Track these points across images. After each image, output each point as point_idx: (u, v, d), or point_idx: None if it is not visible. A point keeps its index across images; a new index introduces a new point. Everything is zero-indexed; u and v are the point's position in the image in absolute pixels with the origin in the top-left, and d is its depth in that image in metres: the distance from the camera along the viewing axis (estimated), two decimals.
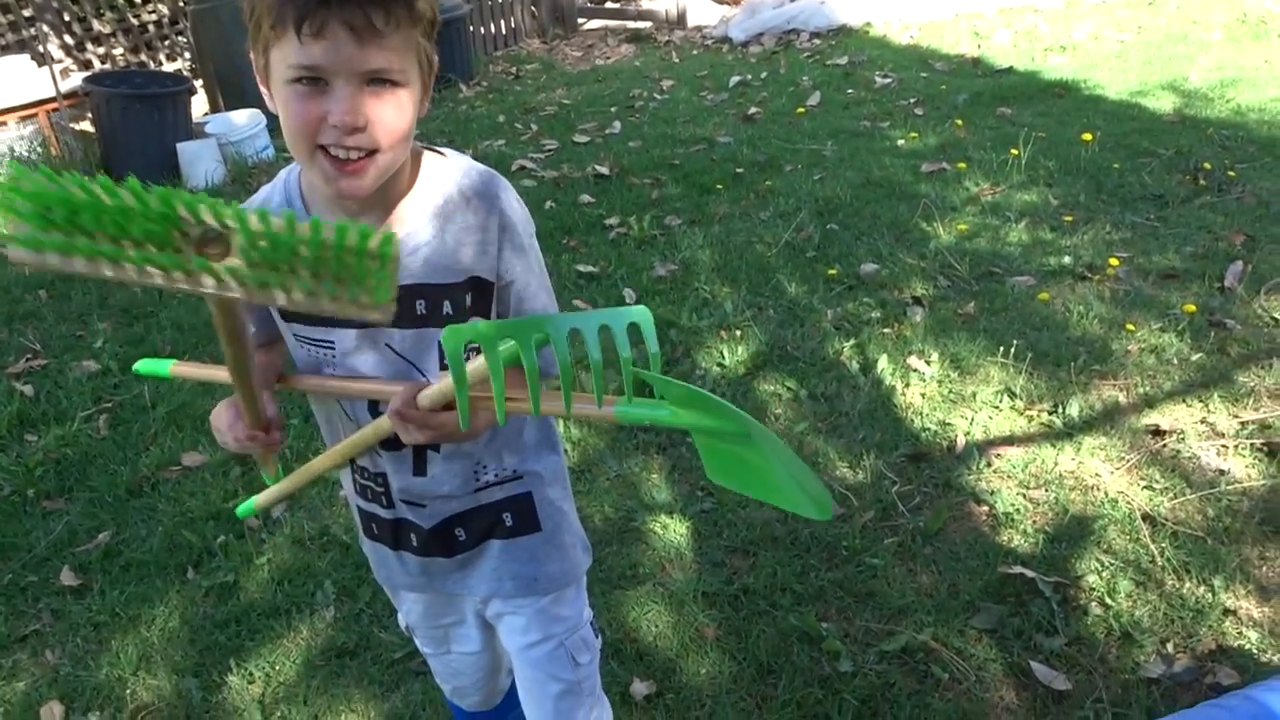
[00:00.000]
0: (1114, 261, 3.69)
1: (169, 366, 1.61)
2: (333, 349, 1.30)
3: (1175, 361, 3.07)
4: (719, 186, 4.98)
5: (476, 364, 1.09)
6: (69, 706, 2.25)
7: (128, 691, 2.27)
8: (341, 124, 1.08)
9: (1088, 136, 4.89)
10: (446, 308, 1.26)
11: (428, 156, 1.27)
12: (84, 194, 0.87)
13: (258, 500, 1.58)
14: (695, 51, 8.58)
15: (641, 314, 1.09)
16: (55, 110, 6.35)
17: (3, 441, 3.29)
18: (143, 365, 1.64)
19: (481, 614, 1.57)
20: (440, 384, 1.15)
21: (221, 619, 2.45)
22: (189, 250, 0.90)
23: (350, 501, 1.52)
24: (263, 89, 1.16)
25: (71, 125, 6.36)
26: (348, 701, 2.18)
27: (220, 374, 1.56)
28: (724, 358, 3.36)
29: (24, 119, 6.38)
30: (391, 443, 1.30)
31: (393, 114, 1.11)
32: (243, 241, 0.91)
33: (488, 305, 1.29)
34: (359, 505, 1.48)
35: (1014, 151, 4.78)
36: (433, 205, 1.24)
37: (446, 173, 1.26)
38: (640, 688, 2.13)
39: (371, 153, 1.12)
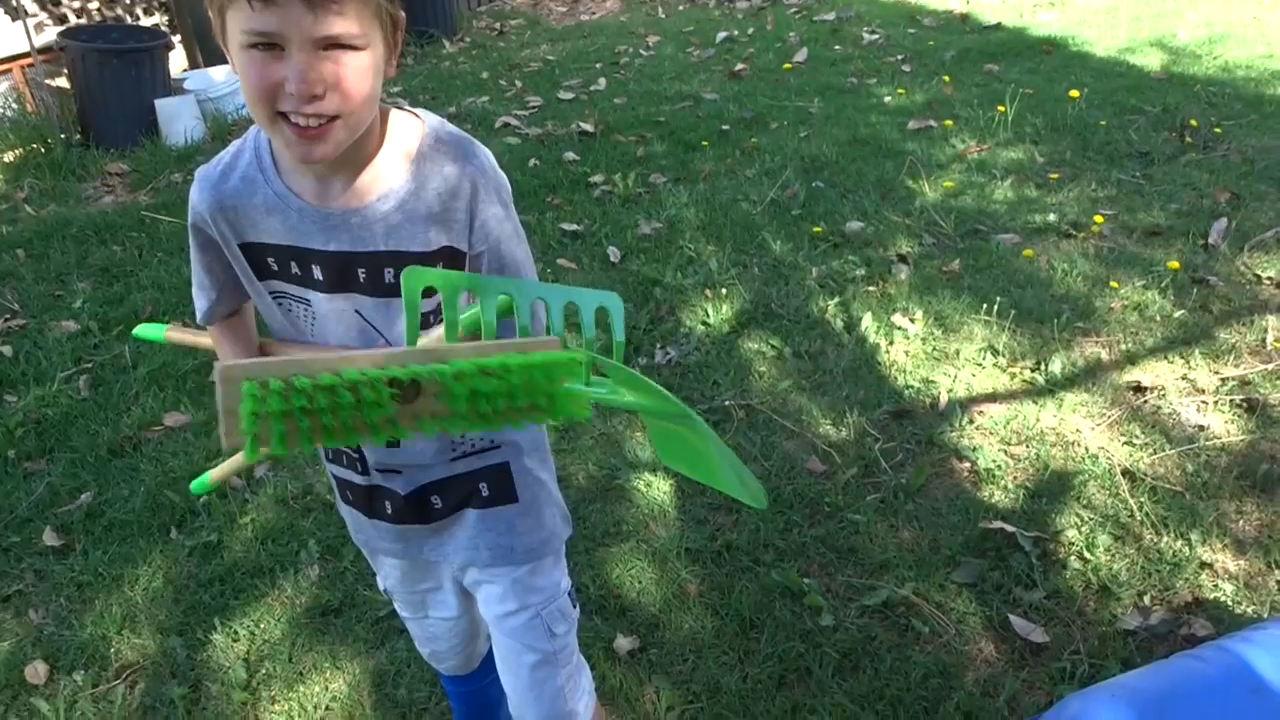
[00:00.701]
0: (1099, 219, 3.69)
1: (164, 332, 1.61)
2: (309, 305, 1.28)
3: (1158, 318, 3.09)
4: (705, 144, 4.94)
5: (434, 334, 1.08)
6: (53, 665, 2.26)
7: (112, 650, 2.28)
8: (298, 92, 1.05)
9: (1075, 93, 4.87)
10: None
11: (397, 115, 1.23)
12: (310, 401, 0.90)
13: (211, 475, 1.56)
14: (681, 7, 8.48)
15: (611, 300, 1.08)
16: (30, 65, 6.25)
17: None
18: (141, 331, 1.66)
19: (459, 580, 1.57)
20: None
21: (205, 578, 2.45)
22: (388, 405, 0.94)
23: (326, 467, 1.52)
24: (224, 49, 1.14)
25: (47, 81, 6.26)
26: (333, 659, 2.20)
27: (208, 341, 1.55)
28: (708, 316, 3.36)
29: None
30: None
31: (352, 79, 1.08)
32: (435, 394, 0.95)
33: None
34: (333, 472, 1.48)
35: (1001, 108, 4.76)
36: (404, 163, 1.21)
37: (418, 132, 1.23)
38: (624, 643, 2.15)
39: (333, 119, 1.09)
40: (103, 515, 2.71)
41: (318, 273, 1.23)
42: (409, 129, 1.23)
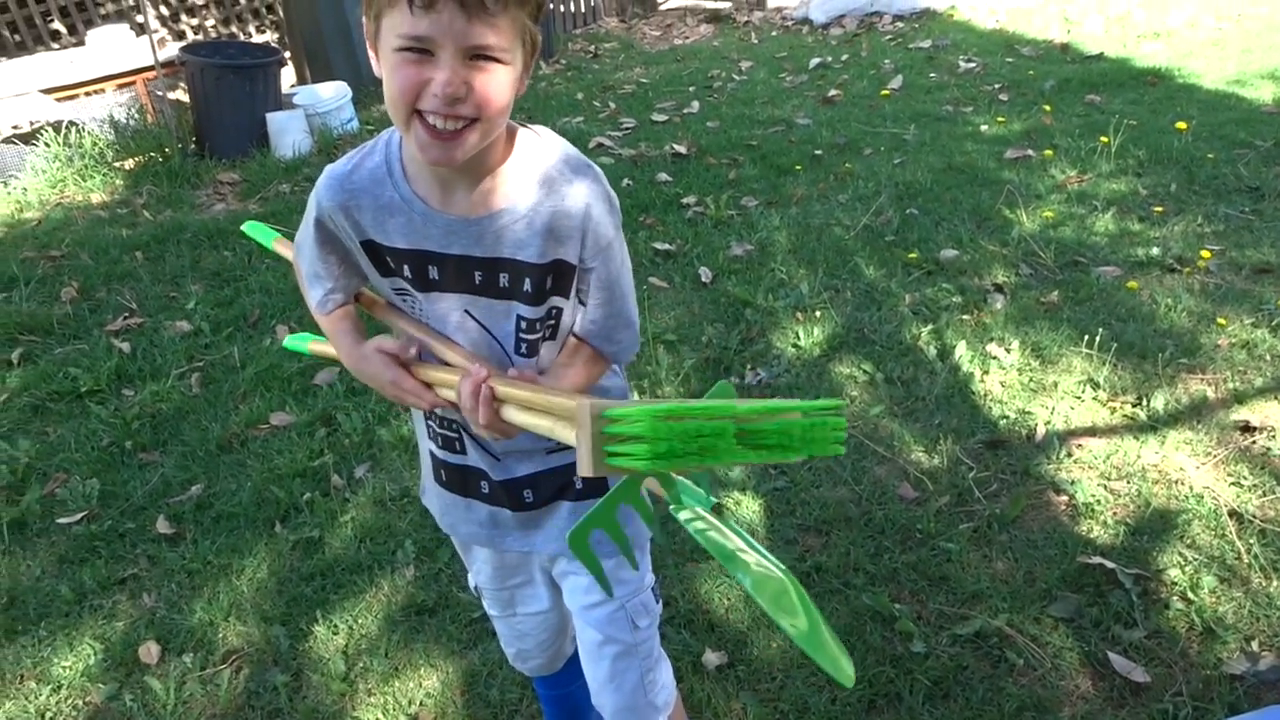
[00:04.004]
0: (1205, 254, 3.60)
1: (273, 240, 1.68)
2: (422, 305, 1.34)
3: (1268, 357, 2.99)
4: (797, 168, 4.95)
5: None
6: (165, 647, 2.34)
7: (219, 635, 2.36)
8: (443, 94, 1.11)
9: (1181, 125, 4.77)
10: (526, 285, 1.28)
11: (523, 133, 1.29)
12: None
13: (311, 345, 1.66)
14: (775, 33, 8.52)
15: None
16: (152, 79, 6.52)
17: (102, 395, 3.41)
18: (251, 228, 1.74)
19: (549, 571, 1.60)
20: (519, 390, 1.23)
21: (307, 572, 2.52)
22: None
23: (421, 446, 1.55)
24: (370, 53, 1.19)
25: (167, 94, 6.52)
26: (427, 656, 2.24)
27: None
28: (799, 338, 3.35)
29: (121, 86, 6.57)
30: None
31: (493, 88, 1.14)
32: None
33: (567, 287, 1.32)
34: (431, 450, 1.51)
35: (1103, 139, 4.68)
36: (526, 182, 1.26)
37: (541, 152, 1.28)
38: (712, 658, 2.15)
39: (470, 123, 1.14)
40: (211, 507, 2.80)
41: (434, 273, 1.29)
42: (534, 148, 1.28)
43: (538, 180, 1.26)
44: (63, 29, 7.86)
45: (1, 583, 2.60)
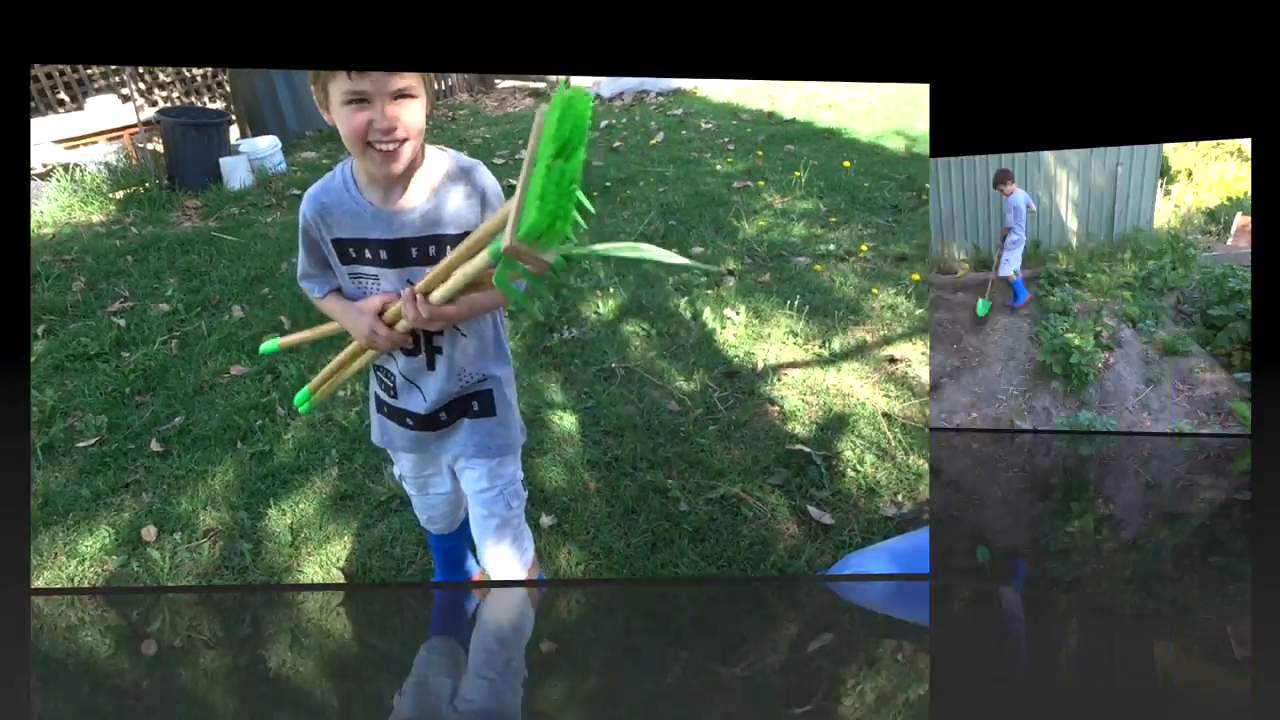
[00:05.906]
0: (864, 248, 3.78)
1: (279, 342, 1.67)
2: (377, 280, 1.33)
3: (904, 315, 3.19)
4: (594, 194, 4.88)
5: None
6: (160, 529, 2.16)
7: (200, 520, 2.20)
8: (383, 127, 1.18)
9: (847, 164, 4.97)
10: (448, 251, 1.31)
11: (431, 149, 1.33)
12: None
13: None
14: None
15: None
16: (135, 133, 5.84)
17: (106, 356, 3.06)
18: (266, 350, 1.73)
19: (452, 467, 1.60)
20: (431, 270, 1.24)
21: (262, 474, 2.36)
22: None
23: (371, 397, 1.58)
24: (323, 113, 1.21)
25: (146, 145, 5.86)
26: (349, 528, 2.15)
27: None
28: (599, 308, 3.34)
29: (111, 139, 5.86)
30: (411, 350, 1.38)
31: (412, 116, 1.22)
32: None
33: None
34: (377, 394, 1.54)
35: (797, 174, 4.83)
36: (434, 181, 1.31)
37: (446, 159, 1.34)
38: (546, 520, 2.14)
39: (403, 142, 1.21)
40: (190, 432, 2.57)
41: (383, 254, 1.32)
42: (440, 157, 1.33)
43: (447, 177, 1.31)
44: (66, 98, 6.93)
45: (39, 489, 2.32)
